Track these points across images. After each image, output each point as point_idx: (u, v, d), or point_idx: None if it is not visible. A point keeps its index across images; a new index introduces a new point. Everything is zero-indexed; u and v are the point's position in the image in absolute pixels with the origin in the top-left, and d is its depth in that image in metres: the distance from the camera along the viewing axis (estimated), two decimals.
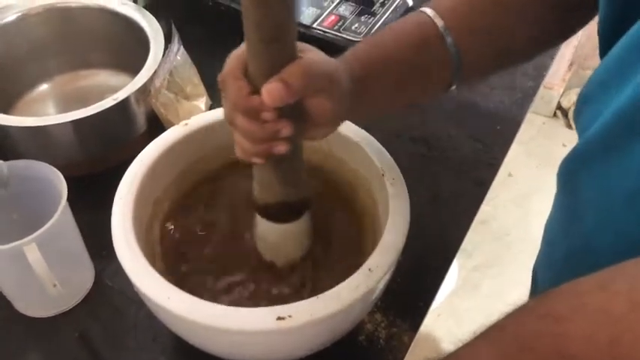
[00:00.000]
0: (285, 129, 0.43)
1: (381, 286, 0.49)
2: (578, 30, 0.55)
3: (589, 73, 0.46)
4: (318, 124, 0.45)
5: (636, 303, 0.30)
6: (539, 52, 0.56)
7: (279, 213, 0.52)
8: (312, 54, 0.44)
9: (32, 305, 0.58)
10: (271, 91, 0.41)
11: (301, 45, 0.43)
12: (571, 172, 0.47)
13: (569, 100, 2.00)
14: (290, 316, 0.43)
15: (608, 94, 0.42)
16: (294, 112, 0.43)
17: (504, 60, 0.55)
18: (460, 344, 0.37)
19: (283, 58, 0.41)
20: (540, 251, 0.56)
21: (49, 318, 0.58)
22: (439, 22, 0.49)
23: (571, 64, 1.95)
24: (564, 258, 0.49)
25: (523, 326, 0.34)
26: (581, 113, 0.46)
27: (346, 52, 0.48)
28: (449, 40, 0.49)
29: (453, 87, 0.52)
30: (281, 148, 0.45)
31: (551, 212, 0.53)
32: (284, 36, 0.41)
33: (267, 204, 0.52)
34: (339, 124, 0.48)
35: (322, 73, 0.43)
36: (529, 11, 0.51)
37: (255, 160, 0.46)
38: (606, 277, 0.32)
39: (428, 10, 0.50)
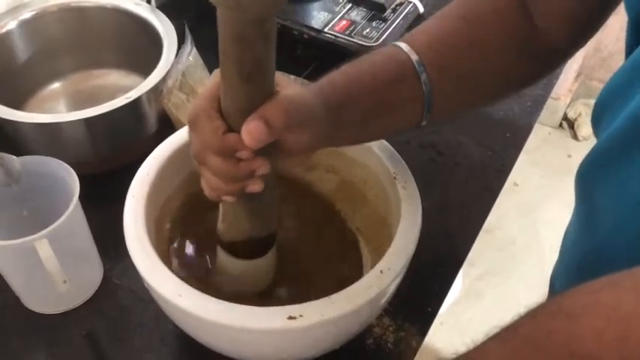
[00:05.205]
0: (262, 167, 0.42)
1: (392, 288, 0.49)
2: (542, 78, 0.54)
3: (595, 84, 0.46)
4: (293, 156, 0.44)
5: None
6: (500, 99, 0.55)
7: (247, 250, 0.50)
8: (289, 88, 0.42)
9: (40, 302, 0.58)
10: (252, 131, 0.39)
11: (276, 77, 0.41)
12: (586, 177, 0.47)
13: (575, 111, 2.00)
14: (301, 316, 0.43)
15: (623, 100, 0.42)
16: (268, 146, 0.40)
17: (470, 103, 0.53)
18: (472, 346, 0.37)
19: (262, 95, 0.39)
20: (558, 260, 0.56)
21: (56, 315, 0.58)
22: (414, 57, 0.47)
23: (578, 75, 1.95)
24: (581, 265, 0.49)
25: (535, 325, 0.34)
26: (599, 120, 0.46)
27: (322, 80, 0.46)
28: (423, 76, 0.47)
29: (423, 124, 0.50)
30: (256, 186, 0.43)
31: (570, 220, 0.53)
32: (263, 72, 0.39)
33: (234, 241, 0.50)
34: (313, 153, 0.47)
35: (301, 109, 0.41)
36: (500, 57, 0.49)
37: (227, 198, 0.45)
38: (617, 277, 0.32)
39: (402, 45, 0.48)
